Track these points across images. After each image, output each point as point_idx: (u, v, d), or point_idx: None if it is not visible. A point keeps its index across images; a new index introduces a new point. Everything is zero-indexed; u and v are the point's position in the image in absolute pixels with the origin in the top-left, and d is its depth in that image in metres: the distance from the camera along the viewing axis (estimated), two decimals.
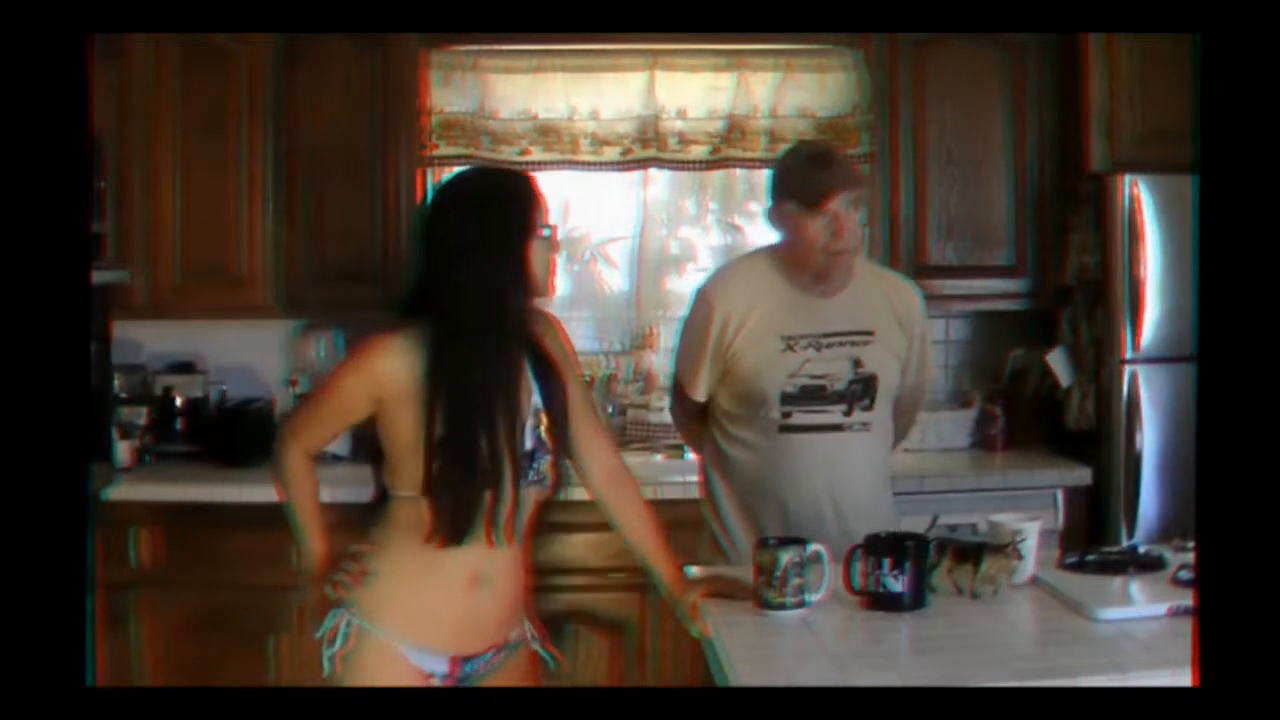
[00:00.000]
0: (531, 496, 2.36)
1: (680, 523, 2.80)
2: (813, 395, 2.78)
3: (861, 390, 2.81)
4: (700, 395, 2.90)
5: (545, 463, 2.36)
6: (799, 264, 2.80)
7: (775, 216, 2.80)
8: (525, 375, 2.34)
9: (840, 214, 2.71)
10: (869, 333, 2.83)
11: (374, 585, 2.33)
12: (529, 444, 2.32)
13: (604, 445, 2.51)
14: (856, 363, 2.80)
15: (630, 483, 2.51)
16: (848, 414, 2.80)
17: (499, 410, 2.25)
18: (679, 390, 2.97)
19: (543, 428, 2.35)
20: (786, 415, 2.79)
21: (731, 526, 2.87)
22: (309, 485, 2.46)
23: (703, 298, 2.88)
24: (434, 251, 2.28)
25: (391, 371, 2.25)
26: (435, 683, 2.34)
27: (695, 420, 2.98)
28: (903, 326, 2.89)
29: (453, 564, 2.28)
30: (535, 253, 2.28)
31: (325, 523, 2.47)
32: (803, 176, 2.75)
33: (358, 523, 2.41)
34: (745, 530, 2.83)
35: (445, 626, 2.33)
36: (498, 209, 2.27)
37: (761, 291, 2.82)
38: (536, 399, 2.35)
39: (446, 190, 2.36)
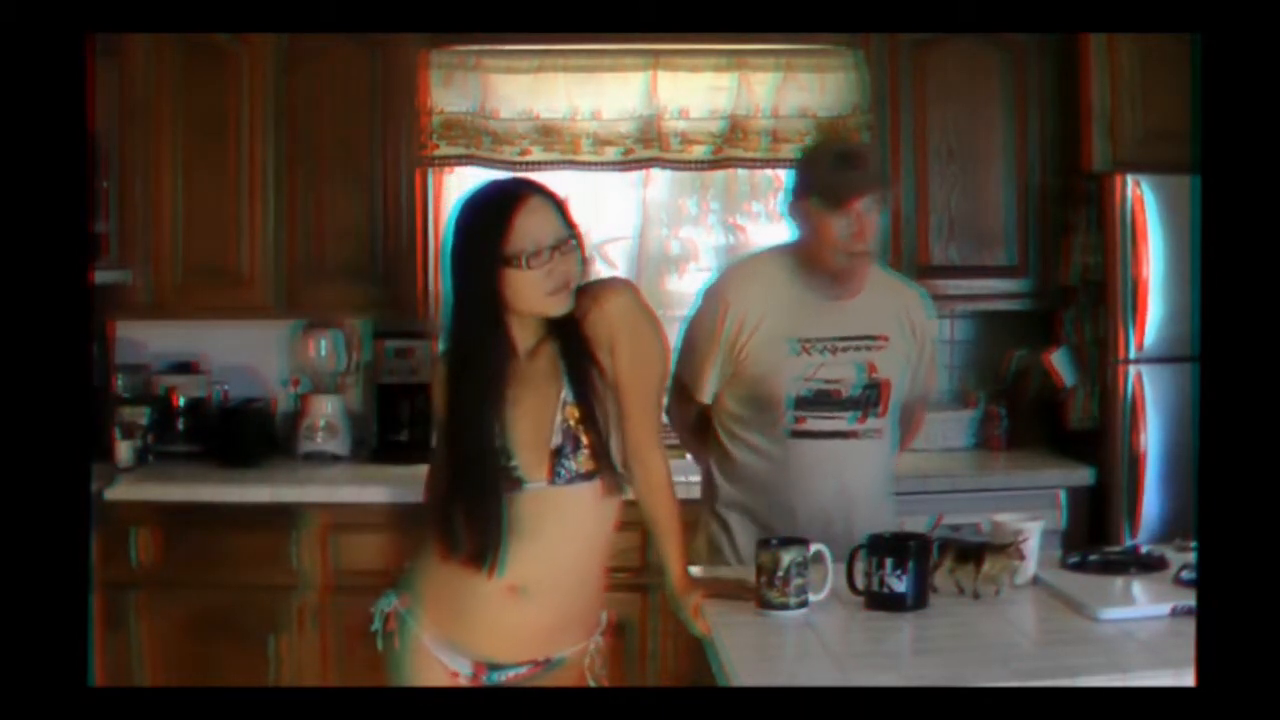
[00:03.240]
0: (579, 497, 2.31)
1: (695, 522, 2.80)
2: (824, 400, 2.75)
3: (874, 396, 2.78)
4: (706, 396, 2.85)
5: (582, 458, 2.30)
6: (815, 263, 2.75)
7: (796, 212, 2.76)
8: (553, 369, 2.32)
9: (863, 215, 2.67)
10: (882, 338, 2.80)
11: (418, 576, 2.37)
12: (557, 440, 2.29)
13: (643, 429, 2.39)
14: (869, 368, 2.77)
15: (659, 471, 2.42)
16: (860, 420, 2.77)
17: (467, 425, 2.28)
18: (681, 391, 2.90)
19: (572, 421, 2.31)
20: (798, 420, 2.75)
21: (735, 531, 2.83)
22: None
23: (716, 295, 2.83)
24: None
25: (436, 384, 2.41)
26: (462, 681, 2.34)
27: (695, 423, 2.94)
28: (913, 333, 2.87)
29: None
30: (518, 281, 2.24)
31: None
32: (829, 174, 2.70)
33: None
34: (750, 535, 2.77)
35: (473, 631, 2.33)
36: (465, 243, 2.28)
37: (777, 291, 2.78)
38: (565, 392, 2.31)
39: (452, 212, 2.36)
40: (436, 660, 2.33)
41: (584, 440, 2.30)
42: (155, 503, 3.78)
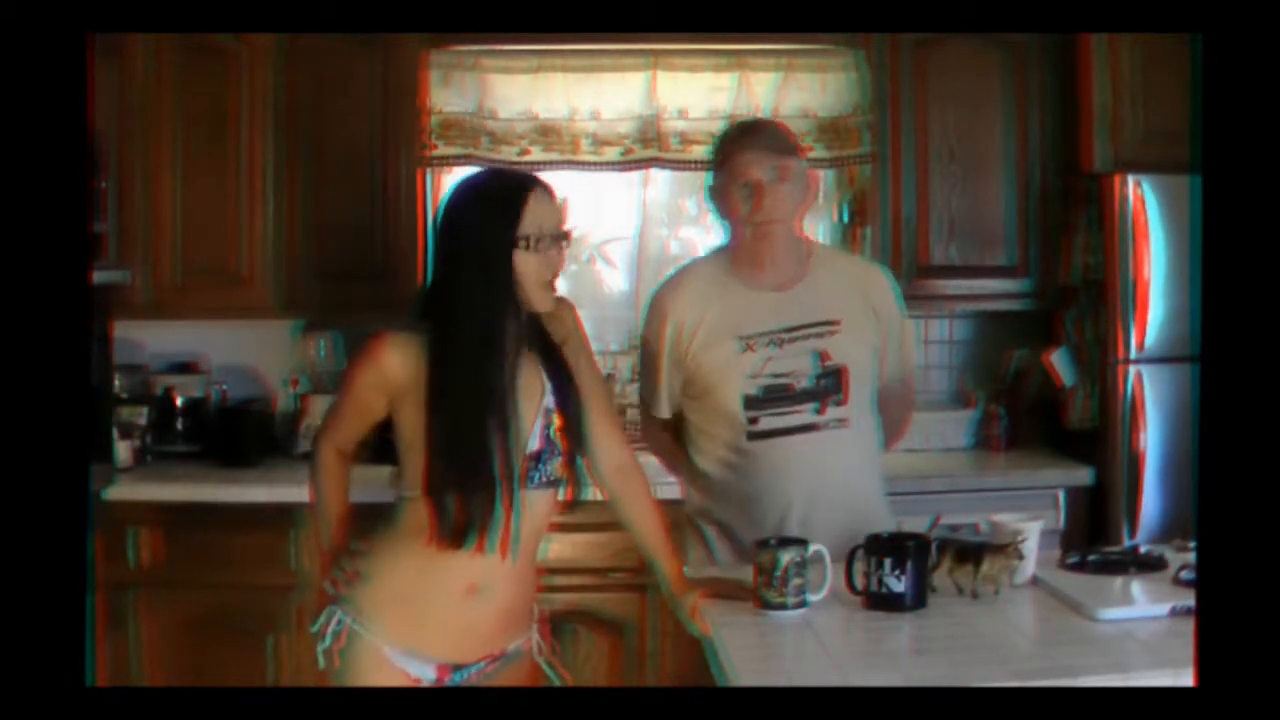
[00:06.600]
0: (542, 500, 2.34)
1: (680, 523, 2.79)
2: (778, 396, 2.68)
3: (832, 384, 2.70)
4: (665, 412, 2.81)
5: (556, 464, 2.33)
6: (736, 248, 2.74)
7: (711, 194, 2.78)
8: (536, 376, 2.33)
9: (758, 181, 2.65)
10: (833, 323, 2.73)
11: (368, 586, 2.32)
12: (536, 445, 2.31)
13: (614, 438, 2.49)
14: (822, 356, 2.70)
15: (639, 478, 2.49)
16: (820, 411, 2.70)
17: (489, 416, 2.23)
18: (647, 411, 2.88)
19: (554, 428, 2.33)
20: (753, 421, 2.69)
21: (713, 542, 2.78)
22: (334, 482, 2.44)
23: (656, 307, 2.80)
24: (436, 257, 2.31)
25: (398, 366, 2.27)
26: (425, 686, 2.32)
27: (667, 441, 2.89)
28: (875, 312, 2.79)
29: (451, 570, 2.27)
30: (522, 265, 2.26)
31: (347, 521, 2.43)
32: (725, 145, 2.76)
33: (370, 523, 2.39)
34: (726, 547, 2.74)
35: (436, 634, 2.31)
36: (479, 221, 2.26)
37: (713, 293, 2.74)
38: (548, 399, 2.33)
39: (451, 195, 2.34)
40: (399, 670, 2.30)
41: (562, 447, 2.34)
42: (154, 503, 3.78)
